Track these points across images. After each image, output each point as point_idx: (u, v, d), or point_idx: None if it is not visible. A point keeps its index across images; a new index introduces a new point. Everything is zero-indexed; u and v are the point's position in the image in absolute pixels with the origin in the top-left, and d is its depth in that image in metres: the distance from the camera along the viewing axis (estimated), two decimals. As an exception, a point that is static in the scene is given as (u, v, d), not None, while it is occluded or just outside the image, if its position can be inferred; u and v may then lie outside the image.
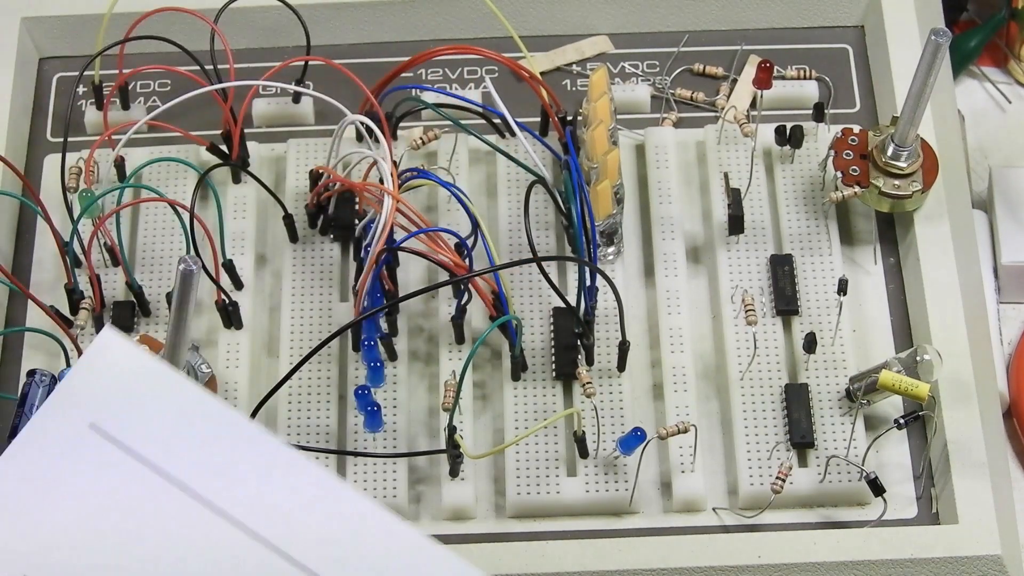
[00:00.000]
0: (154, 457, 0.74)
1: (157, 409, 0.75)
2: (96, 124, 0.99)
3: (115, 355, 0.76)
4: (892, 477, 0.88)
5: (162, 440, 0.74)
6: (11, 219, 0.97)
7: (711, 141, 0.98)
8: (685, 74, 1.02)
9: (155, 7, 0.97)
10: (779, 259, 0.94)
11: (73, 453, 0.74)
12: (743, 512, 0.88)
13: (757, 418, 0.89)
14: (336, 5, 1.02)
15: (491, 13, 0.99)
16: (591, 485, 0.88)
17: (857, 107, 1.01)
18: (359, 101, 0.95)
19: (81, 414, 0.75)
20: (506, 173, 0.97)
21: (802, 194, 0.96)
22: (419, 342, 0.93)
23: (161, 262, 0.95)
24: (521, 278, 0.93)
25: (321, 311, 0.93)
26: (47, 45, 1.03)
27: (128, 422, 0.74)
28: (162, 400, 0.75)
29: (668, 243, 0.95)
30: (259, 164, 0.98)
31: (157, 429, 0.74)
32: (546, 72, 1.02)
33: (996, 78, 1.12)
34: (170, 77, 1.01)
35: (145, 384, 0.75)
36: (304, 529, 0.73)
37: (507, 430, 0.89)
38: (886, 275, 0.95)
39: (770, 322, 0.92)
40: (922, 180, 0.93)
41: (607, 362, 0.91)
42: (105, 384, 0.75)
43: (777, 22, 1.03)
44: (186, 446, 0.74)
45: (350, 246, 0.95)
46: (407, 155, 0.97)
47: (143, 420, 0.75)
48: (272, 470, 0.74)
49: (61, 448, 0.74)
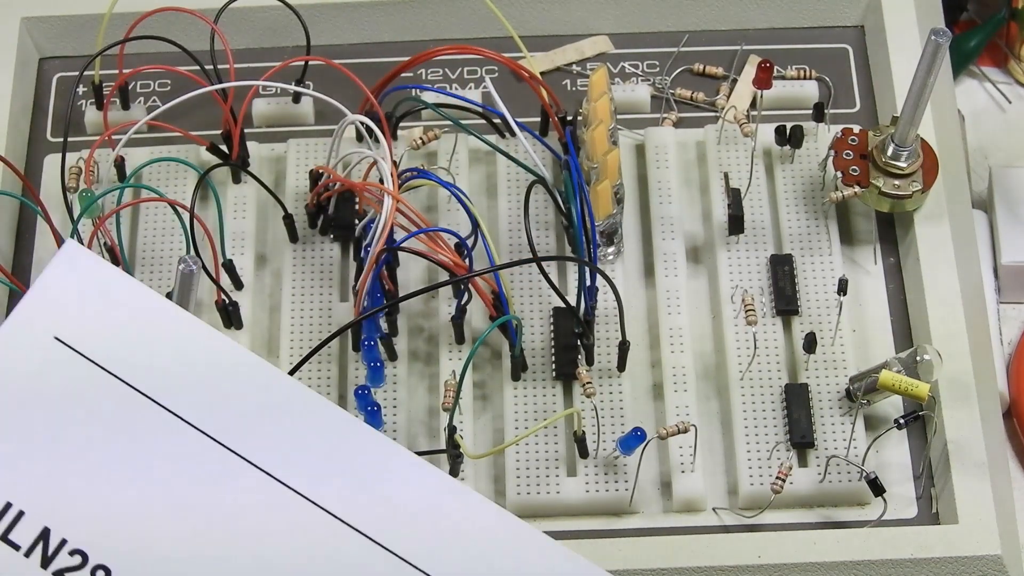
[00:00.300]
0: (122, 370, 0.74)
1: (122, 320, 0.75)
2: (96, 124, 0.99)
3: (78, 267, 0.75)
4: (892, 477, 0.88)
5: (126, 351, 0.74)
6: (11, 219, 0.97)
7: (711, 141, 0.98)
8: (685, 74, 1.02)
9: (155, 7, 0.97)
10: (779, 259, 0.94)
11: (38, 366, 0.74)
12: (743, 512, 0.88)
13: (757, 418, 0.89)
14: (336, 5, 1.02)
15: (491, 13, 0.99)
16: (591, 485, 0.88)
17: (857, 107, 1.01)
18: (359, 101, 0.95)
19: (45, 327, 0.74)
20: (506, 173, 0.97)
21: (802, 194, 0.96)
22: (419, 342, 0.93)
23: (161, 262, 0.95)
24: (521, 278, 0.93)
25: (321, 311, 0.93)
26: (47, 45, 1.03)
27: (94, 334, 0.74)
28: (127, 311, 0.75)
29: (668, 243, 0.95)
30: (259, 164, 0.98)
31: (124, 341, 0.74)
32: (546, 72, 1.02)
33: (996, 78, 1.12)
34: (170, 77, 1.01)
35: (109, 295, 0.75)
36: (269, 434, 0.74)
37: (507, 430, 0.89)
38: (886, 275, 0.95)
39: (770, 322, 0.92)
40: (922, 180, 0.93)
41: (607, 362, 0.91)
42: (69, 296, 0.75)
43: (777, 22, 1.03)
44: (149, 356, 0.74)
45: (350, 246, 0.95)
46: (407, 155, 0.97)
47: (107, 331, 0.74)
48: (236, 377, 0.74)
49: (26, 361, 0.74)
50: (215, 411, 0.74)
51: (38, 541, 0.72)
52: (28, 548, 0.72)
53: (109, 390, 0.74)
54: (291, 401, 0.75)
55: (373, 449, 0.74)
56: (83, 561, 0.72)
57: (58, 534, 0.72)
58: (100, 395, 0.74)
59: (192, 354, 0.75)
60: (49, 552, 0.72)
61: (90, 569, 0.72)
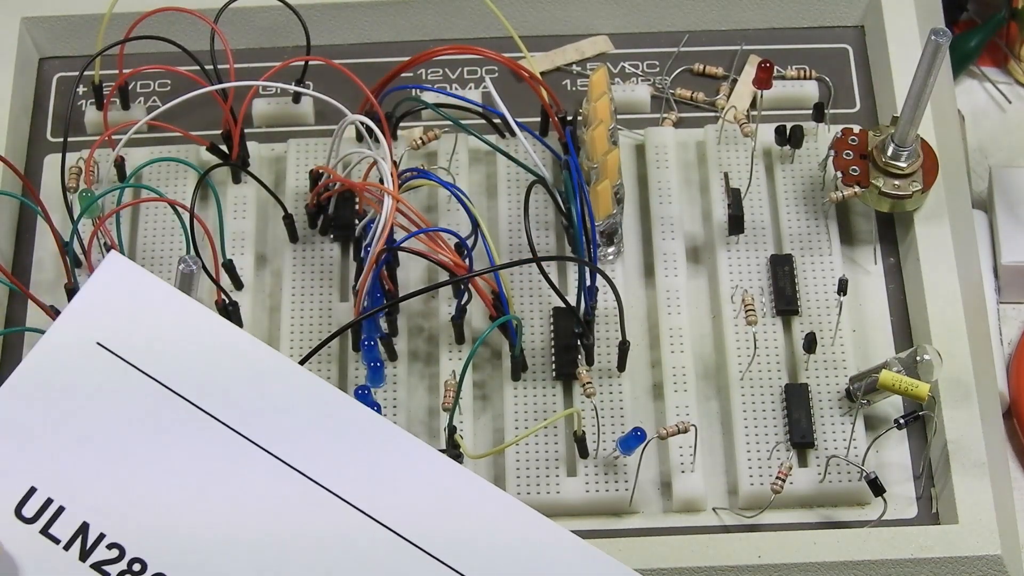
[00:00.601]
0: (161, 374, 0.76)
1: (164, 327, 0.77)
2: (96, 124, 0.99)
3: (122, 277, 0.78)
4: (892, 477, 0.88)
5: (166, 356, 0.77)
6: (11, 219, 0.97)
7: (711, 141, 0.98)
8: (685, 74, 1.02)
9: (155, 7, 0.97)
10: (779, 259, 0.94)
11: (81, 370, 0.76)
12: (743, 512, 0.88)
13: (757, 418, 0.89)
14: (336, 5, 1.02)
15: (491, 13, 0.99)
16: (591, 485, 0.88)
17: (857, 107, 1.01)
18: (359, 101, 0.95)
19: (89, 332, 0.77)
20: (506, 173, 0.97)
21: (802, 194, 0.96)
22: (419, 342, 0.93)
23: (161, 262, 0.95)
24: (521, 278, 0.93)
25: (321, 311, 0.93)
26: (47, 45, 1.03)
27: (135, 340, 0.77)
28: (168, 318, 0.77)
29: (668, 243, 0.95)
30: (259, 164, 0.98)
31: (163, 347, 0.77)
32: (546, 72, 1.02)
33: (996, 78, 1.12)
34: (170, 77, 1.01)
35: (151, 304, 0.78)
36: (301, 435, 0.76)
37: (507, 430, 0.89)
38: (886, 275, 0.95)
39: (770, 322, 0.92)
40: (922, 180, 0.93)
41: (607, 362, 0.91)
42: (112, 304, 0.78)
43: (777, 22, 1.03)
44: (188, 361, 0.77)
45: (350, 246, 0.95)
46: (407, 155, 0.97)
47: (150, 338, 0.77)
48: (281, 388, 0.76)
49: (70, 365, 0.77)
50: (253, 414, 0.76)
51: (77, 535, 0.74)
52: (67, 542, 0.74)
53: (148, 393, 0.76)
54: (331, 407, 0.77)
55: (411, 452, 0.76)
56: (120, 554, 0.74)
57: (96, 528, 0.74)
58: (139, 398, 0.76)
59: (230, 359, 0.77)
60: (88, 546, 0.74)
61: (127, 562, 0.74)
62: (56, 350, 0.77)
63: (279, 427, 0.76)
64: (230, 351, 0.77)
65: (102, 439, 0.76)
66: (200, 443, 0.76)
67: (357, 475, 0.75)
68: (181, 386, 0.76)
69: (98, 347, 0.77)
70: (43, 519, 0.74)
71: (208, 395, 0.76)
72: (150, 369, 0.76)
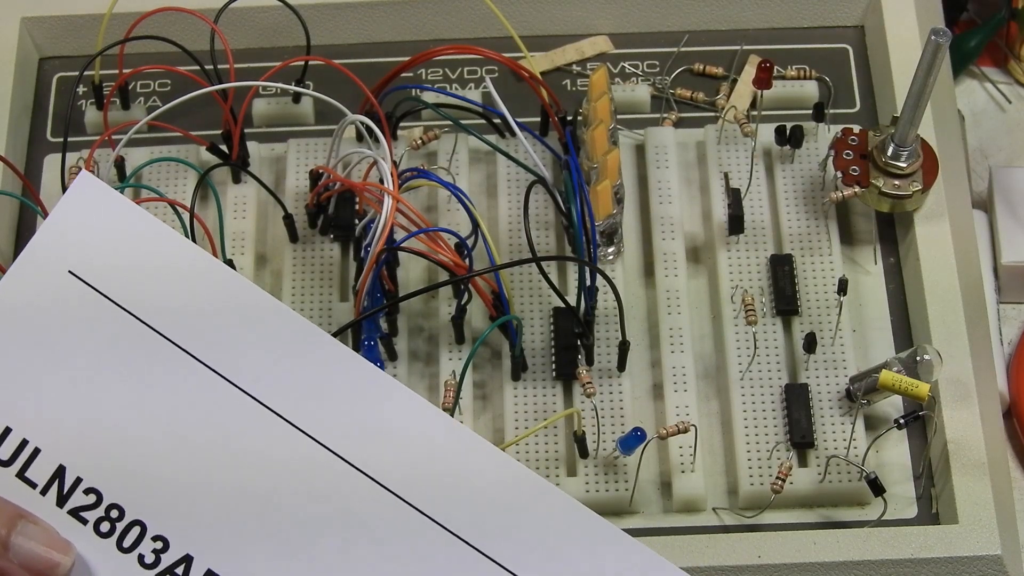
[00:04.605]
0: (136, 307, 0.74)
1: (136, 255, 0.74)
2: (96, 124, 0.99)
3: (94, 199, 0.75)
4: (892, 477, 0.88)
5: (140, 287, 0.74)
6: (11, 219, 0.97)
7: (711, 141, 0.98)
8: (685, 74, 1.02)
9: (155, 7, 0.97)
10: (779, 259, 0.94)
11: (54, 302, 0.73)
12: (743, 512, 0.88)
13: (757, 418, 0.89)
14: (336, 5, 1.02)
15: (491, 13, 0.99)
16: (591, 485, 0.88)
17: (857, 107, 1.01)
18: (359, 101, 0.95)
19: (60, 260, 0.74)
20: (506, 173, 0.97)
21: (802, 194, 0.96)
22: (419, 342, 0.93)
23: (161, 262, 0.95)
24: (521, 278, 0.93)
25: (321, 311, 0.93)
26: (47, 45, 1.03)
27: (106, 268, 0.74)
28: (141, 245, 0.74)
29: (668, 243, 0.95)
30: (259, 164, 0.98)
31: (138, 276, 0.74)
32: (546, 72, 1.02)
33: (996, 78, 1.12)
34: (170, 77, 1.01)
35: (124, 228, 0.75)
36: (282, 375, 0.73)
37: (507, 430, 0.89)
38: (886, 275, 0.95)
39: (770, 322, 0.92)
40: (922, 180, 0.93)
41: (607, 362, 0.91)
42: (83, 230, 0.74)
43: (777, 22, 1.03)
44: (162, 291, 0.74)
45: (350, 246, 0.95)
46: (407, 155, 0.97)
47: (121, 266, 0.74)
48: (250, 319, 0.74)
49: (42, 297, 0.74)
50: (227, 348, 0.74)
51: (54, 479, 0.72)
52: (44, 486, 0.72)
53: (123, 326, 0.73)
54: (312, 345, 0.74)
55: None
56: (97, 500, 0.72)
57: (73, 472, 0.72)
58: (114, 331, 0.73)
59: (204, 290, 0.74)
60: (65, 491, 0.72)
61: (104, 508, 0.72)
62: (26, 280, 0.74)
63: (259, 366, 0.73)
64: (206, 281, 0.74)
65: (76, 377, 0.73)
66: (179, 380, 0.73)
67: (338, 417, 0.73)
68: (158, 321, 0.73)
69: (70, 276, 0.74)
70: (19, 461, 0.72)
71: (184, 329, 0.73)
72: (124, 301, 0.73)
